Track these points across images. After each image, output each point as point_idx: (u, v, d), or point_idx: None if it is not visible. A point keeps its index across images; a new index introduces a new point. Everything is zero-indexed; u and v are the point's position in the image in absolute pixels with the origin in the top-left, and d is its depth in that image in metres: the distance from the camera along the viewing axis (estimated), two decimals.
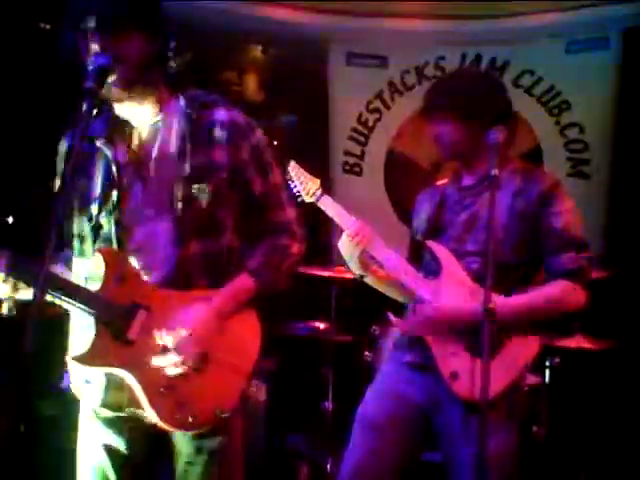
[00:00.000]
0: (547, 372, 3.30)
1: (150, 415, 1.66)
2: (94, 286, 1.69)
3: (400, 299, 2.32)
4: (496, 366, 1.93)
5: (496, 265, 1.82)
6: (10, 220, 3.33)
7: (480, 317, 1.77)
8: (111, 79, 1.57)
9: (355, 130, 4.54)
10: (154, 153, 1.76)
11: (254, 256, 1.83)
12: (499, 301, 1.94)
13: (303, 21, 4.32)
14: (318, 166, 4.59)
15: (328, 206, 2.26)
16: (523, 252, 2.09)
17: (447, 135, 2.15)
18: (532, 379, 3.28)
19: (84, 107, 1.43)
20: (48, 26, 3.42)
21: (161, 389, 1.65)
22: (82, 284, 1.71)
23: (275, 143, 4.92)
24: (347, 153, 4.57)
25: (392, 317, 2.20)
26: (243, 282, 1.80)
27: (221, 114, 1.79)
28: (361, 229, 2.20)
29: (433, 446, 2.16)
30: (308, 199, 2.27)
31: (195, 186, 1.74)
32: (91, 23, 1.60)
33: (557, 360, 3.29)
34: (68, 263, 1.81)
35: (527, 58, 4.22)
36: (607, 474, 3.49)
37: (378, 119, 4.50)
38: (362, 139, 4.55)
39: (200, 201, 1.74)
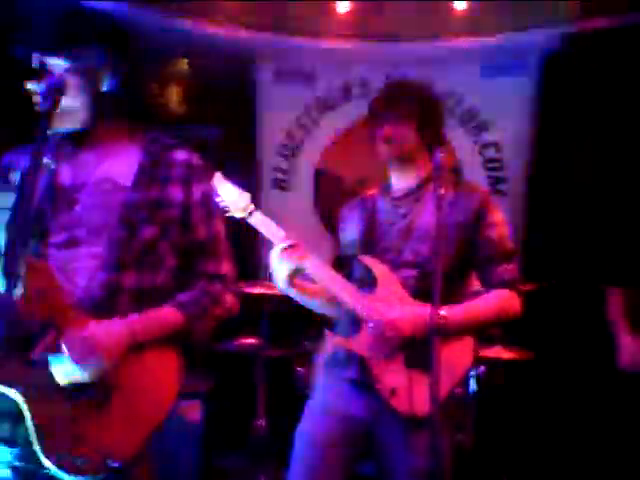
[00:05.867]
0: (472, 381, 3.39)
1: (36, 450, 1.48)
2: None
3: (328, 313, 2.32)
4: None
5: (434, 277, 1.84)
6: None
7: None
8: (65, 97, 1.53)
9: (284, 146, 4.58)
10: (94, 177, 1.71)
11: (185, 293, 1.76)
12: (448, 312, 2.00)
13: (230, 37, 4.31)
14: (244, 181, 4.62)
15: (260, 222, 2.18)
16: (457, 262, 2.13)
17: (401, 136, 2.18)
18: (457, 388, 3.38)
19: (39, 128, 1.40)
20: None
21: (56, 422, 1.49)
22: None
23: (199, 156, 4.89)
24: (276, 169, 4.59)
25: (334, 336, 2.20)
26: (170, 312, 1.71)
27: (181, 154, 1.79)
28: (296, 244, 2.15)
29: (365, 457, 2.18)
30: (238, 214, 2.17)
31: (143, 216, 1.69)
32: (45, 41, 1.57)
33: (482, 369, 3.38)
34: None
35: (449, 80, 4.35)
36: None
37: (306, 135, 4.56)
38: (290, 155, 4.60)
39: (145, 232, 1.69)
